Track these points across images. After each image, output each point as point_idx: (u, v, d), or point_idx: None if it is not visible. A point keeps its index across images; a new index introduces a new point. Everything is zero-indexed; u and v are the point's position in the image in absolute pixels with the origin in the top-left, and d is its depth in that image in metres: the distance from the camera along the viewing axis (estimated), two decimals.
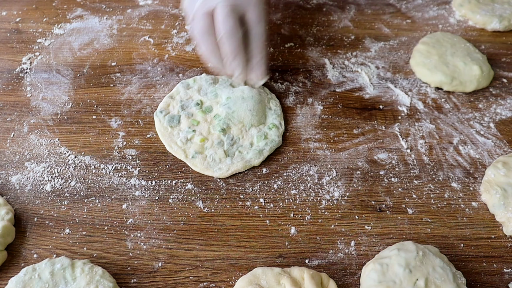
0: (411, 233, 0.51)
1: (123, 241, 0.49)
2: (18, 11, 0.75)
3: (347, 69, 0.68)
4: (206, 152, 0.55)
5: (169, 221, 0.51)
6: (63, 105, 0.61)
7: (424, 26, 0.75)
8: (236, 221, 0.51)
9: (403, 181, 0.55)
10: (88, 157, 0.56)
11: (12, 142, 0.57)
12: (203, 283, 0.46)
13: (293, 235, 0.50)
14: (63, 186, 0.53)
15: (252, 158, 0.55)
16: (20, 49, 0.69)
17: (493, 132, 0.60)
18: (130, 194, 0.53)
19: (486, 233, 0.51)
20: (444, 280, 0.43)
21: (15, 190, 0.53)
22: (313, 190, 0.54)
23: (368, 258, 0.48)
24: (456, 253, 0.49)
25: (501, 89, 0.66)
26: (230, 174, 0.54)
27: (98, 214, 0.51)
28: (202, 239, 0.50)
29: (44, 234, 0.49)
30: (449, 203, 0.53)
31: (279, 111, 0.60)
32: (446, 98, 0.64)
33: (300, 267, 0.46)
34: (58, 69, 0.66)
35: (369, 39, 0.72)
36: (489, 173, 0.54)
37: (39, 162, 0.55)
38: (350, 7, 0.78)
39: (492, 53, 0.71)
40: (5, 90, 0.63)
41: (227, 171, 0.54)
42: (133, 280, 0.46)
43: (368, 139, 0.59)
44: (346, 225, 0.51)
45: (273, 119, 0.59)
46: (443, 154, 0.58)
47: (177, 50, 0.69)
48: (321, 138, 0.59)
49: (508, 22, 0.74)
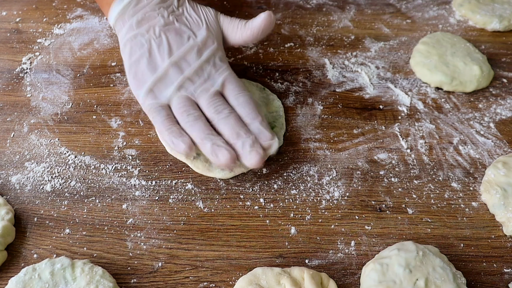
0: (411, 233, 0.51)
1: (123, 241, 0.49)
2: (18, 11, 0.75)
3: (347, 69, 0.68)
4: None
5: (169, 221, 0.51)
6: (63, 105, 0.61)
7: (424, 26, 0.75)
8: (236, 221, 0.51)
9: (403, 181, 0.55)
10: (88, 157, 0.56)
11: (12, 142, 0.57)
12: (203, 283, 0.46)
13: (293, 235, 0.50)
14: (63, 186, 0.53)
15: None
16: (20, 49, 0.69)
17: (493, 132, 0.60)
18: (130, 194, 0.53)
19: (486, 233, 0.51)
20: (444, 280, 0.43)
21: (15, 190, 0.53)
22: (313, 190, 0.54)
23: (368, 258, 0.48)
24: (456, 253, 0.49)
25: (501, 89, 0.66)
26: (233, 176, 0.54)
27: (98, 214, 0.51)
28: (202, 239, 0.50)
29: (44, 234, 0.49)
30: (449, 203, 0.53)
31: (281, 112, 0.60)
32: (446, 98, 0.64)
33: (300, 267, 0.46)
34: (58, 69, 0.66)
35: (369, 39, 0.72)
36: (489, 173, 0.54)
37: (39, 162, 0.55)
38: (350, 7, 0.78)
39: (492, 53, 0.71)
40: (5, 90, 0.63)
41: (230, 172, 0.54)
42: (133, 280, 0.46)
43: (368, 139, 0.59)
44: (346, 225, 0.51)
45: (276, 120, 0.59)
46: (443, 154, 0.58)
47: None
48: (321, 138, 0.59)
49: (508, 22, 0.74)
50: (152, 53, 0.54)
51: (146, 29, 0.55)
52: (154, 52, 0.54)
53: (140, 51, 0.54)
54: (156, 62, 0.54)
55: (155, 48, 0.54)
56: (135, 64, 0.54)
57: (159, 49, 0.54)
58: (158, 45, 0.54)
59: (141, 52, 0.54)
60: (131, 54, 0.55)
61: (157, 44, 0.54)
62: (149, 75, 0.53)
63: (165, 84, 0.53)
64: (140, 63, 0.54)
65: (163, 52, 0.54)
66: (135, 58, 0.54)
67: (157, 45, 0.54)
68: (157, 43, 0.54)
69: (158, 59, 0.54)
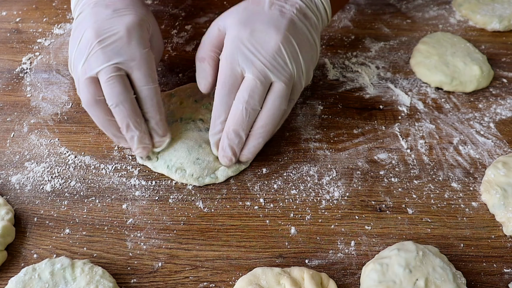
0: (411, 233, 0.51)
1: (123, 241, 0.49)
2: (18, 11, 0.75)
3: (347, 69, 0.68)
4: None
5: (169, 221, 0.51)
6: (63, 105, 0.61)
7: (424, 26, 0.75)
8: (236, 221, 0.51)
9: (403, 181, 0.55)
10: (88, 157, 0.56)
11: (12, 142, 0.57)
12: (203, 283, 0.46)
13: (293, 235, 0.50)
14: (63, 186, 0.53)
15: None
16: (20, 49, 0.69)
17: (493, 132, 0.60)
18: (130, 194, 0.53)
19: (486, 233, 0.51)
20: (444, 280, 0.43)
21: (15, 190, 0.53)
22: (313, 190, 0.54)
23: (368, 258, 0.48)
24: (456, 253, 0.49)
25: (501, 89, 0.66)
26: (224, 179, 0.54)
27: (98, 214, 0.51)
28: (202, 239, 0.50)
29: (44, 234, 0.49)
30: (449, 203, 0.53)
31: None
32: (446, 98, 0.64)
33: (300, 267, 0.46)
34: (58, 69, 0.66)
35: (369, 39, 0.72)
36: (489, 173, 0.54)
37: (39, 162, 0.55)
38: (350, 7, 0.78)
39: (492, 53, 0.71)
40: (5, 90, 0.63)
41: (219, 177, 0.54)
42: (133, 280, 0.46)
43: (368, 139, 0.59)
44: (346, 225, 0.51)
45: None
46: (443, 154, 0.58)
47: (177, 50, 0.69)
48: (321, 138, 0.59)
49: (508, 22, 0.74)
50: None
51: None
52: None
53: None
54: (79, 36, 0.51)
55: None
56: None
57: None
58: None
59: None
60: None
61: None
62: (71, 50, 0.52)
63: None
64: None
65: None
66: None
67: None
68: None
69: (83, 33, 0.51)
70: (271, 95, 0.50)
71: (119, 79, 0.49)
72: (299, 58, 0.51)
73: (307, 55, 0.53)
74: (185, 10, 0.76)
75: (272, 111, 0.50)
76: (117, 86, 0.49)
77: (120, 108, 0.49)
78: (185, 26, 0.73)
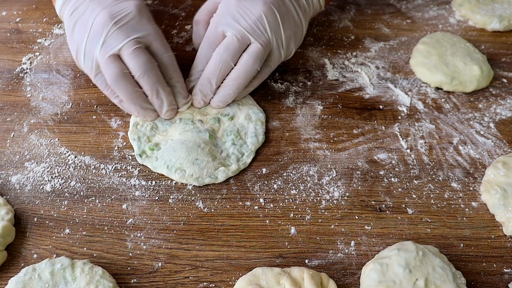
0: (411, 233, 0.51)
1: (123, 241, 0.49)
2: (18, 11, 0.75)
3: (347, 69, 0.68)
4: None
5: (169, 221, 0.51)
6: (63, 105, 0.61)
7: (424, 26, 0.75)
8: (236, 221, 0.51)
9: (403, 181, 0.55)
10: (88, 157, 0.56)
11: (12, 142, 0.57)
12: (203, 283, 0.46)
13: (293, 235, 0.50)
14: (63, 186, 0.53)
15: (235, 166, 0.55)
16: (20, 49, 0.69)
17: (493, 132, 0.60)
18: (130, 194, 0.53)
19: (486, 233, 0.51)
20: (444, 280, 0.43)
21: (15, 190, 0.53)
22: (313, 190, 0.54)
23: (368, 258, 0.48)
24: (456, 253, 0.49)
25: (501, 89, 0.66)
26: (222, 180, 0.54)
27: (98, 214, 0.51)
28: (202, 239, 0.50)
29: (44, 234, 0.49)
30: (449, 203, 0.53)
31: (260, 124, 0.58)
32: (446, 98, 0.64)
33: (300, 267, 0.46)
34: (58, 69, 0.66)
35: (369, 39, 0.72)
36: (489, 173, 0.54)
37: (39, 162, 0.55)
38: (350, 7, 0.78)
39: (492, 53, 0.71)
40: (5, 90, 0.63)
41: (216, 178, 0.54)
42: (133, 280, 0.46)
43: (368, 139, 0.59)
44: (346, 225, 0.51)
45: (253, 133, 0.58)
46: (443, 154, 0.58)
47: (177, 50, 0.69)
48: (321, 138, 0.59)
49: (508, 22, 0.74)
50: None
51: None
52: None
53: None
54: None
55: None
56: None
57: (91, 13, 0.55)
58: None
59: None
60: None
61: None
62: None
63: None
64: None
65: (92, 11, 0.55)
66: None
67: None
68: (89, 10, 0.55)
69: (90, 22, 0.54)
70: (246, 53, 0.56)
71: (142, 50, 0.53)
72: (280, 30, 0.57)
73: (289, 30, 0.59)
74: (185, 10, 0.76)
75: (244, 67, 0.55)
76: (142, 56, 0.53)
77: (149, 75, 0.53)
78: (185, 26, 0.73)
